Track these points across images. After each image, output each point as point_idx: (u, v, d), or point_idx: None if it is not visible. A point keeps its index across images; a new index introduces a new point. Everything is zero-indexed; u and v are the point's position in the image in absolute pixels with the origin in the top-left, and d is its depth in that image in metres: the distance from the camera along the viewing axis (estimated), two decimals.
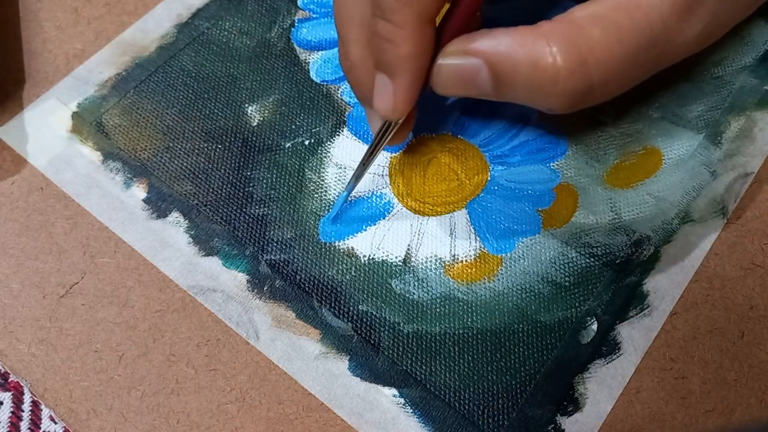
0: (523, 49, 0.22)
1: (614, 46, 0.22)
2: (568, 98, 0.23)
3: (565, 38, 0.22)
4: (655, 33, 0.22)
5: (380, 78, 0.24)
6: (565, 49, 0.22)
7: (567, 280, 0.26)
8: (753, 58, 0.31)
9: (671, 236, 0.27)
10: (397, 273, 0.26)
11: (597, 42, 0.22)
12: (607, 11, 0.22)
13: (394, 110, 0.24)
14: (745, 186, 0.28)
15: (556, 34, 0.22)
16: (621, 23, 0.22)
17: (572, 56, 0.22)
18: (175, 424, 0.24)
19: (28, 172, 0.28)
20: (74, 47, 0.31)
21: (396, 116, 0.24)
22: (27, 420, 0.23)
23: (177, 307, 0.25)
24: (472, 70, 0.23)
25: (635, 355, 0.25)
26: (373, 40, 0.24)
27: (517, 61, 0.22)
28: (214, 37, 0.32)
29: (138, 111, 0.29)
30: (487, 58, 0.23)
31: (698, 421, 0.24)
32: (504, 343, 0.25)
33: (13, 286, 0.26)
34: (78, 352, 0.25)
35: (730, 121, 0.29)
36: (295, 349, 0.25)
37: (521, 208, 0.27)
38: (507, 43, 0.22)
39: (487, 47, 0.23)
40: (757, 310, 0.26)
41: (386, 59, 0.23)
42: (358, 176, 0.26)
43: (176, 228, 0.27)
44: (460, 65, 0.24)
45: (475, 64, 0.23)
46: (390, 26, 0.22)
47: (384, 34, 0.23)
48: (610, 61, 0.22)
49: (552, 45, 0.22)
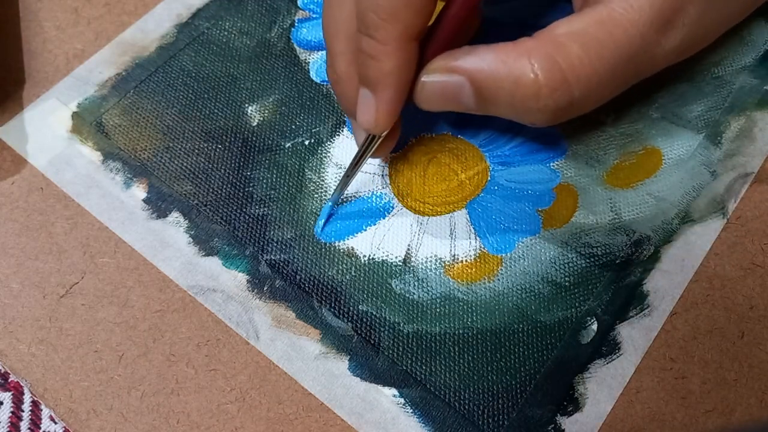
0: (506, 67, 0.23)
1: (594, 62, 0.22)
2: (549, 113, 0.23)
3: (547, 55, 0.22)
4: (633, 48, 0.23)
5: (363, 92, 0.24)
6: (546, 66, 0.22)
7: (567, 280, 0.26)
8: (753, 58, 0.31)
9: (671, 236, 0.27)
10: (397, 273, 0.26)
11: (577, 58, 0.22)
12: (588, 27, 0.23)
13: (376, 125, 0.24)
14: (745, 186, 0.28)
15: (538, 52, 0.22)
16: (601, 39, 0.22)
17: (553, 73, 0.22)
18: (175, 424, 0.24)
19: (28, 172, 0.28)
20: (74, 47, 0.31)
21: (378, 130, 0.25)
22: (27, 420, 0.23)
23: (177, 307, 0.25)
24: (455, 87, 0.24)
25: (635, 355, 0.25)
26: (357, 55, 0.24)
27: (500, 79, 0.23)
28: (214, 37, 0.32)
29: (138, 111, 0.29)
30: (470, 75, 0.23)
31: (698, 421, 0.24)
32: (504, 343, 0.25)
33: (13, 286, 0.26)
34: (78, 352, 0.25)
35: (730, 121, 0.29)
36: (295, 349, 0.25)
37: (521, 208, 0.27)
38: (490, 61, 0.23)
39: (470, 65, 0.23)
40: (757, 310, 0.26)
41: (369, 74, 0.24)
42: (342, 186, 0.27)
43: (176, 228, 0.27)
44: (444, 82, 0.24)
45: (458, 81, 0.24)
46: (373, 42, 0.23)
47: (367, 49, 0.23)
48: (590, 77, 0.23)
49: (533, 62, 0.22)
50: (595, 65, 0.22)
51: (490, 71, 0.23)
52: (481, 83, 0.23)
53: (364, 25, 0.23)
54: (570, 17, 0.23)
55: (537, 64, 0.22)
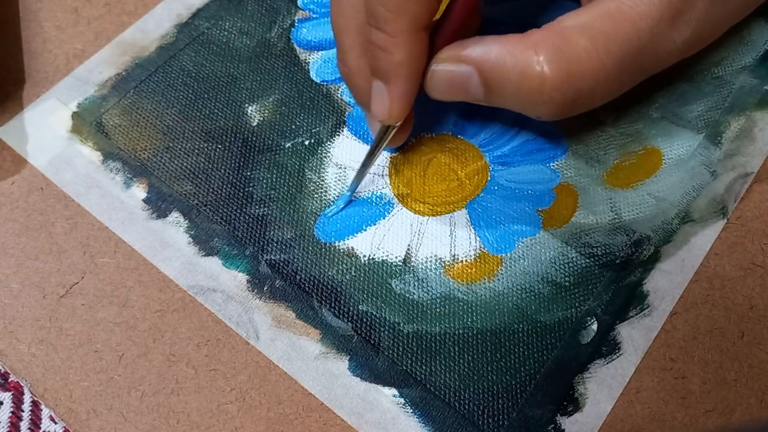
0: (512, 58, 0.23)
1: (602, 55, 0.22)
2: (555, 107, 0.23)
3: (553, 48, 0.22)
4: (642, 42, 0.23)
5: (376, 84, 0.24)
6: (552, 58, 0.22)
7: (567, 280, 0.26)
8: (753, 58, 0.31)
9: (671, 236, 0.27)
10: (397, 273, 0.26)
11: (584, 51, 0.22)
12: (596, 20, 0.22)
13: (390, 115, 0.25)
14: (745, 186, 0.28)
15: (545, 44, 0.22)
16: (609, 33, 0.22)
17: (559, 66, 0.22)
18: (175, 424, 0.24)
19: (28, 172, 0.28)
20: (74, 47, 0.31)
21: (393, 121, 0.25)
22: (27, 420, 0.23)
23: (177, 307, 0.25)
24: (464, 76, 0.24)
25: (635, 355, 0.25)
26: (367, 47, 0.24)
27: (506, 70, 0.23)
28: (214, 37, 0.32)
29: (138, 111, 0.29)
30: (478, 65, 0.23)
31: (698, 421, 0.24)
32: (504, 343, 0.25)
33: (13, 286, 0.26)
34: (78, 352, 0.25)
35: (730, 121, 0.29)
36: (295, 349, 0.25)
37: (521, 208, 0.27)
38: (497, 52, 0.23)
39: (478, 55, 0.23)
40: (757, 310, 0.26)
41: (381, 66, 0.24)
42: (359, 177, 0.27)
43: (176, 228, 0.27)
44: (452, 71, 0.24)
45: (466, 71, 0.24)
46: (383, 35, 0.23)
47: (378, 42, 0.23)
48: (597, 71, 0.22)
49: (540, 54, 0.22)
50: (603, 58, 0.22)
51: (497, 62, 0.23)
52: (488, 73, 0.23)
53: (373, 18, 0.23)
54: (578, 10, 0.23)
55: (543, 57, 0.22)
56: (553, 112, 0.23)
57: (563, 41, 0.22)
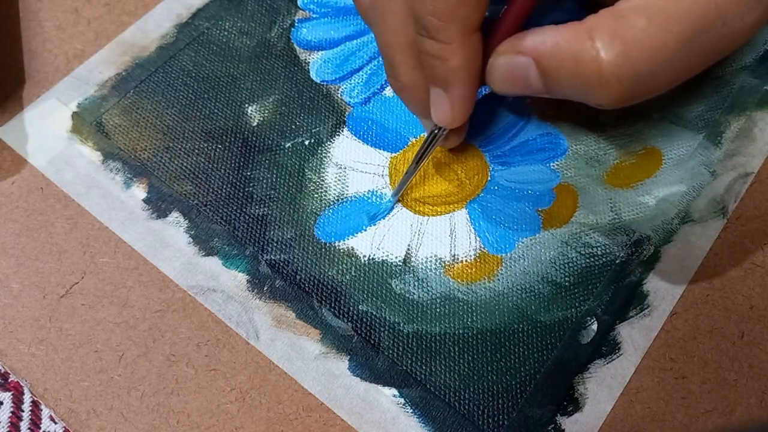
0: (567, 45, 0.22)
1: (663, 34, 0.21)
2: (614, 92, 0.22)
3: (609, 30, 0.21)
4: (708, 19, 0.21)
5: (435, 92, 0.25)
6: (607, 41, 0.21)
7: (567, 280, 0.26)
8: (753, 58, 0.31)
9: (671, 236, 0.27)
10: (397, 273, 0.26)
11: (642, 32, 0.21)
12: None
13: (453, 120, 0.25)
14: (745, 186, 0.28)
15: (600, 27, 0.21)
16: (669, 11, 0.21)
17: (615, 48, 0.21)
18: (175, 424, 0.24)
19: (28, 172, 0.28)
20: (74, 47, 0.31)
21: (456, 124, 0.25)
22: (27, 420, 0.23)
23: (177, 307, 0.25)
24: (522, 68, 0.23)
25: (635, 355, 0.25)
26: (422, 58, 0.24)
27: (561, 57, 0.22)
28: (214, 37, 0.32)
29: (138, 111, 0.29)
30: (534, 55, 0.23)
31: (698, 421, 0.24)
32: (504, 343, 0.25)
33: (13, 286, 0.26)
34: (78, 352, 0.25)
35: (730, 121, 0.29)
36: (295, 349, 0.25)
37: (521, 208, 0.27)
38: (552, 40, 0.22)
39: (533, 45, 0.23)
40: (757, 310, 0.26)
41: (438, 74, 0.24)
42: (407, 179, 0.27)
43: (176, 228, 0.27)
44: (511, 64, 0.24)
45: (524, 62, 0.23)
46: (437, 44, 0.23)
47: (432, 51, 0.23)
48: (657, 51, 0.21)
49: (595, 39, 0.21)
50: (663, 37, 0.21)
51: (552, 50, 0.22)
52: (544, 63, 0.23)
53: (425, 29, 0.23)
54: None
55: (598, 40, 0.21)
56: (614, 98, 0.22)
57: (619, 23, 0.21)
